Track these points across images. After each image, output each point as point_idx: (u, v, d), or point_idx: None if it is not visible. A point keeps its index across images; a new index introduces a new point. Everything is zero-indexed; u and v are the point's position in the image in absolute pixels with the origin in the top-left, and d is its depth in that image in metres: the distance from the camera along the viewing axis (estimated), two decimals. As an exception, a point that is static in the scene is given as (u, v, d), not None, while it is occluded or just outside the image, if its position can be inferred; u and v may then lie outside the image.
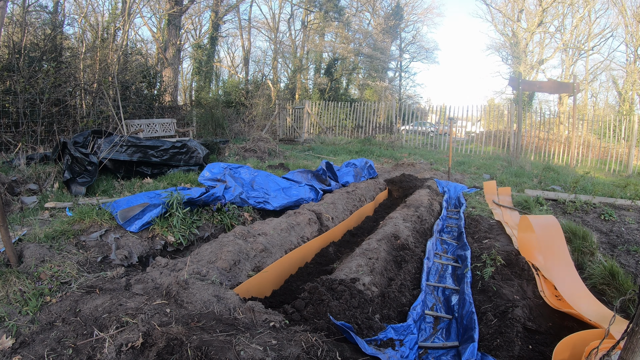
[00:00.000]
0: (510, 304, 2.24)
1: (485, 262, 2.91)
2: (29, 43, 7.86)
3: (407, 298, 2.47)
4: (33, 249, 2.37)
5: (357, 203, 4.92)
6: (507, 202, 5.29)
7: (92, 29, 10.77)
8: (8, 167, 4.44)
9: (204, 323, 1.71)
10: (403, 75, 32.19)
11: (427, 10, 31.70)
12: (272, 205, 4.19)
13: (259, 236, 3.03)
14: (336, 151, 11.05)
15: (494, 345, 1.91)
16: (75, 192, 3.92)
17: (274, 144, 9.19)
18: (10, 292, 1.93)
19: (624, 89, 23.32)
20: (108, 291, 2.00)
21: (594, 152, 11.85)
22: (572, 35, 25.31)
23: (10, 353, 1.60)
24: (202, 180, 4.23)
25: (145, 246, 2.98)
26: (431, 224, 4.39)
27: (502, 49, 29.48)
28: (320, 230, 3.79)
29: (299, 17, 24.27)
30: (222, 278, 2.34)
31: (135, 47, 13.12)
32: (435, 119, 16.22)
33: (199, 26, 23.36)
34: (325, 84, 22.24)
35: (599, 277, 2.83)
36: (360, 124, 15.24)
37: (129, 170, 4.88)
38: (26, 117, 6.69)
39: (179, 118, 11.48)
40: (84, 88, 8.14)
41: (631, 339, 1.22)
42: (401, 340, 1.89)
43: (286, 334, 1.68)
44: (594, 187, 6.02)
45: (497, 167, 8.94)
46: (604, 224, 4.40)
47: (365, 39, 25.50)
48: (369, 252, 2.81)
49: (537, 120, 13.87)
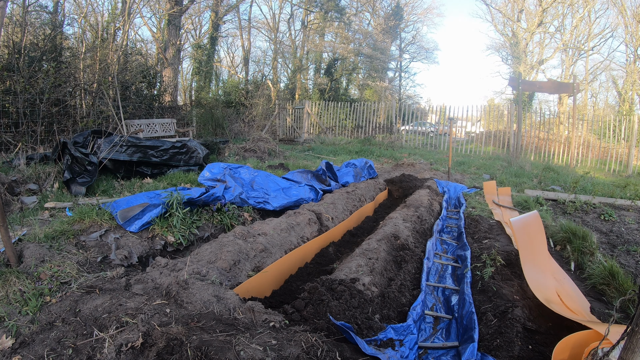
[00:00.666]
0: (510, 304, 2.24)
1: (485, 262, 2.91)
2: (29, 43, 7.86)
3: (407, 298, 2.47)
4: (33, 249, 2.37)
5: (357, 203, 4.92)
6: (507, 202, 5.29)
7: (92, 29, 10.77)
8: (8, 167, 4.44)
9: (204, 323, 1.71)
10: (403, 75, 32.20)
11: (427, 10, 31.70)
12: (272, 205, 4.18)
13: (259, 236, 3.02)
14: (336, 151, 11.05)
15: (493, 345, 1.91)
16: (75, 192, 3.92)
17: (274, 144, 9.20)
18: (10, 292, 1.93)
19: (623, 89, 23.31)
20: (108, 291, 2.00)
21: (594, 152, 11.85)
22: (572, 35, 25.31)
23: (10, 353, 1.59)
24: (202, 180, 4.23)
25: (145, 246, 2.98)
26: (431, 224, 4.39)
27: (502, 49, 29.48)
28: (320, 230, 3.79)
29: (299, 17, 24.28)
30: (222, 278, 2.34)
31: (135, 47, 13.13)
32: (435, 119, 16.22)
33: (199, 26, 23.38)
34: (325, 84, 22.25)
35: (598, 277, 2.83)
36: (360, 124, 15.24)
37: (128, 170, 4.88)
38: (26, 117, 6.69)
39: (179, 118, 11.48)
40: (84, 88, 8.14)
41: (631, 339, 1.22)
42: (401, 340, 1.89)
43: (286, 334, 1.68)
44: (593, 187, 6.02)
45: (497, 167, 8.94)
46: (603, 224, 4.40)
47: (365, 39, 25.50)
48: (369, 252, 2.81)
49: (537, 121, 13.87)
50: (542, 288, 2.39)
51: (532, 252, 2.70)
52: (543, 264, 2.72)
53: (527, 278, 2.40)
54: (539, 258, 2.72)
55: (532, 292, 2.31)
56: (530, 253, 2.65)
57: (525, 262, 2.54)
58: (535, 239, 2.81)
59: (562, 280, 2.68)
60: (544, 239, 2.91)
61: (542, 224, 2.95)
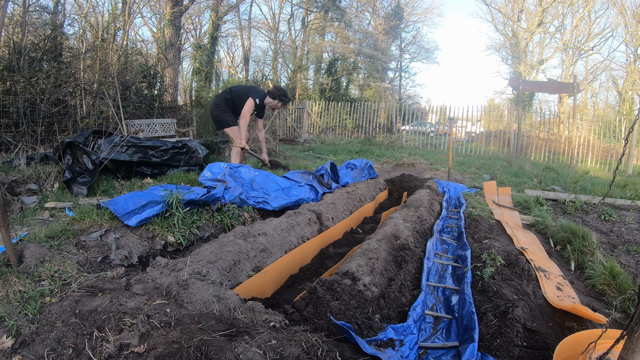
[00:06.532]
0: (510, 304, 2.24)
1: (486, 262, 2.91)
2: (30, 43, 7.86)
3: (407, 298, 2.47)
4: (33, 249, 2.37)
5: (357, 203, 4.92)
6: (507, 202, 5.29)
7: (92, 29, 10.77)
8: (8, 167, 4.44)
9: (204, 323, 1.71)
10: (403, 76, 32.23)
11: (427, 10, 31.74)
12: (272, 205, 4.18)
13: (259, 236, 3.02)
14: (336, 151, 11.04)
15: (494, 345, 1.91)
16: (76, 192, 3.92)
17: (274, 144, 9.20)
18: (11, 292, 1.93)
19: (624, 89, 23.31)
20: (108, 291, 2.00)
21: (594, 152, 11.85)
22: (572, 35, 25.31)
23: (10, 353, 1.60)
24: (203, 180, 4.23)
25: (145, 246, 2.98)
26: (431, 224, 4.38)
27: (502, 49, 29.49)
28: (320, 230, 3.79)
29: (299, 17, 24.29)
30: (222, 278, 2.35)
31: (136, 47, 13.12)
32: (435, 119, 16.22)
33: (199, 26, 23.39)
34: (326, 84, 22.25)
35: (599, 277, 2.83)
36: (360, 124, 15.24)
37: (129, 171, 4.88)
38: (26, 117, 6.69)
39: (179, 118, 11.47)
40: (84, 88, 8.14)
41: (631, 339, 1.22)
42: (401, 340, 1.88)
43: (286, 334, 1.68)
44: (594, 187, 6.02)
45: (497, 167, 8.94)
46: (604, 224, 4.40)
47: (365, 39, 25.51)
48: (369, 252, 2.80)
49: (537, 120, 13.88)
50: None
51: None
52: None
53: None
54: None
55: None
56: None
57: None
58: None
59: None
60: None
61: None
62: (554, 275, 2.79)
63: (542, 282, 2.63)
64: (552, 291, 2.52)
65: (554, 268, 2.96)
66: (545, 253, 3.37)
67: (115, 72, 8.53)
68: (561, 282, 2.70)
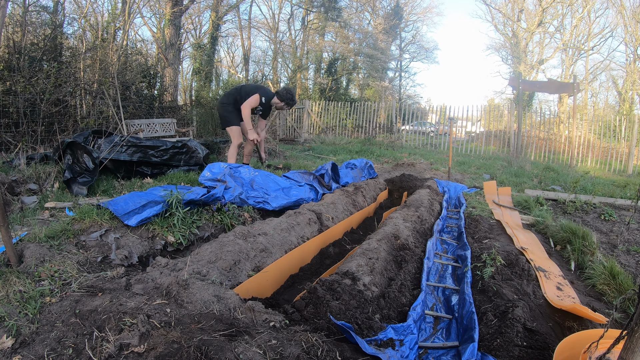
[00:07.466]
0: (510, 304, 2.24)
1: (486, 262, 2.91)
2: (29, 43, 7.86)
3: (407, 298, 2.47)
4: (33, 249, 2.37)
5: (357, 203, 4.92)
6: (507, 202, 5.29)
7: (92, 29, 10.76)
8: (8, 167, 4.44)
9: (204, 323, 1.71)
10: (403, 75, 32.24)
11: (427, 9, 31.76)
12: (272, 205, 4.18)
13: (259, 236, 3.02)
14: (336, 151, 11.04)
15: (494, 345, 1.91)
16: (77, 192, 3.92)
17: (274, 144, 9.20)
18: (11, 292, 1.93)
19: (624, 89, 23.32)
20: (108, 291, 2.00)
21: (594, 152, 11.85)
22: (572, 35, 25.31)
23: (10, 353, 1.60)
24: (203, 180, 4.23)
25: (145, 246, 2.98)
26: (431, 223, 4.38)
27: (502, 49, 29.50)
28: (320, 230, 3.79)
29: (298, 17, 24.29)
30: (222, 278, 2.35)
31: (136, 47, 13.13)
32: (435, 119, 16.22)
33: (199, 26, 23.38)
34: (326, 84, 22.24)
35: (599, 277, 2.84)
36: (360, 124, 15.23)
37: (129, 170, 4.88)
38: (26, 117, 6.69)
39: (179, 118, 11.47)
40: (84, 88, 8.14)
41: (631, 339, 1.22)
42: (401, 340, 1.88)
43: (286, 334, 1.68)
44: (593, 187, 6.03)
45: (497, 167, 8.94)
46: (604, 224, 4.40)
47: (365, 38, 25.51)
48: (369, 252, 2.80)
49: (537, 120, 13.87)
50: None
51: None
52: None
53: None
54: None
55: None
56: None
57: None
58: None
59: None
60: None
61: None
62: (554, 275, 2.80)
63: (542, 282, 2.63)
64: (552, 291, 2.52)
65: (554, 268, 2.96)
66: (545, 253, 3.37)
67: (115, 72, 8.53)
68: (561, 282, 2.70)
